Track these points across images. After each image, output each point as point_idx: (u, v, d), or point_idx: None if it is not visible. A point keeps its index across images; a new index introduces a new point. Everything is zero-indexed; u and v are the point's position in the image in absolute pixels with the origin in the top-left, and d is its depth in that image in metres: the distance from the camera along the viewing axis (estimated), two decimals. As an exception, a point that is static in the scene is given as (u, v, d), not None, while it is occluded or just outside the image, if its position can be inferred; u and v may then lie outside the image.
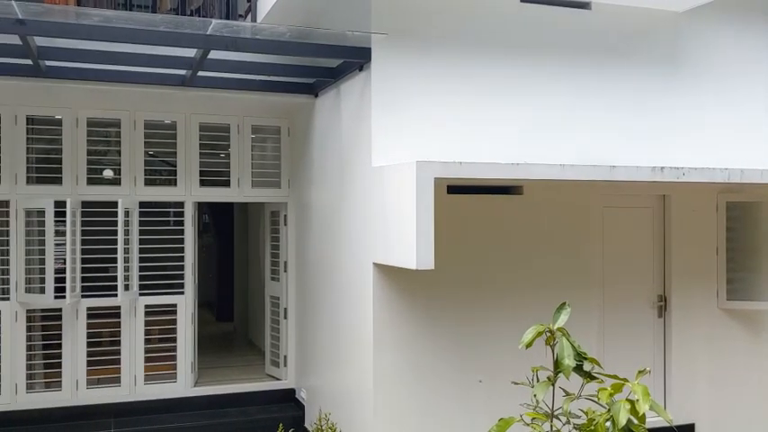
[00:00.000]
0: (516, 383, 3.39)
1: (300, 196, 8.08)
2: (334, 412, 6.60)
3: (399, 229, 5.14)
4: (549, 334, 3.12)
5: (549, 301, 3.95)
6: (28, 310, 7.52)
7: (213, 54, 6.05)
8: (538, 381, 3.18)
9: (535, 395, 3.11)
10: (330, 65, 6.67)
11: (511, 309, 6.34)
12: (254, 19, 6.93)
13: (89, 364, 7.67)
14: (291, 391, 8.36)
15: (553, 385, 3.14)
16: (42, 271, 7.40)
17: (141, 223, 7.84)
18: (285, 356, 8.42)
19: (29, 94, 7.15)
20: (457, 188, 6.10)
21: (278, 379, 8.50)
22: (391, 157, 5.77)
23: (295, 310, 8.32)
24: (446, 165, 5.04)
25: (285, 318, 8.44)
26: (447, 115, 6.05)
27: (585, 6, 6.60)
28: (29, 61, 6.18)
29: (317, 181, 7.41)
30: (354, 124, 6.24)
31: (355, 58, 5.97)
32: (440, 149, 5.93)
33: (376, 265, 5.79)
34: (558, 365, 3.09)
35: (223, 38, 5.51)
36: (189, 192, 8.03)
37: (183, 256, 8.04)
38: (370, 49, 5.84)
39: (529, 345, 3.11)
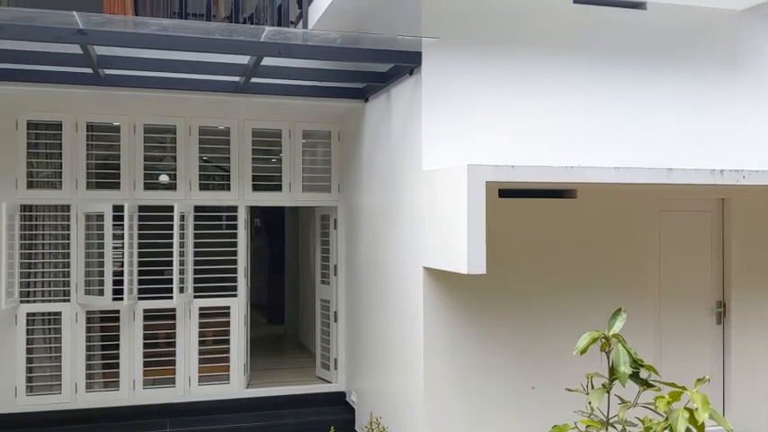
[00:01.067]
0: (570, 390, 3.34)
1: (350, 200, 8.13)
2: (384, 416, 6.60)
3: (450, 233, 5.12)
4: (604, 340, 3.06)
5: (604, 306, 3.88)
6: (87, 312, 7.75)
7: (266, 61, 6.14)
8: (592, 388, 3.12)
9: (590, 402, 3.05)
10: (380, 69, 6.69)
11: (564, 314, 6.24)
12: (305, 25, 7.01)
13: (145, 364, 7.85)
14: (342, 394, 8.41)
15: (608, 392, 3.07)
16: (101, 273, 7.62)
17: (196, 227, 8.00)
18: (335, 359, 8.47)
19: (89, 101, 7.37)
20: (509, 191, 6.04)
21: (329, 382, 8.55)
22: (442, 161, 5.76)
23: (345, 313, 8.36)
24: (497, 168, 5.00)
25: (335, 321, 8.49)
26: (498, 118, 6.00)
27: (640, 6, 6.47)
28: (89, 70, 6.38)
29: (366, 185, 7.44)
30: (404, 128, 6.25)
31: (405, 62, 5.97)
32: (491, 153, 5.89)
33: (426, 269, 5.78)
34: (613, 372, 3.02)
35: (276, 44, 5.59)
36: (242, 196, 8.16)
37: (235, 260, 8.17)
38: (420, 52, 5.84)
39: (583, 351, 3.05)
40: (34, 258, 7.66)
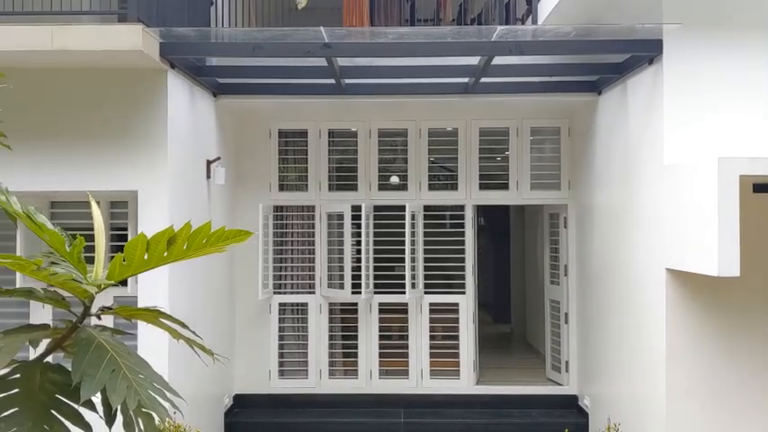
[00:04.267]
0: None
1: (581, 198, 7.89)
2: (621, 422, 6.33)
3: (697, 233, 4.77)
4: None
5: None
6: (330, 304, 8.34)
7: (494, 60, 6.18)
8: None
9: None
10: (615, 60, 6.42)
11: (834, 323, 5.53)
12: (534, 21, 6.94)
13: (380, 355, 8.28)
14: (573, 398, 8.19)
15: None
16: (341, 269, 8.18)
17: (425, 225, 8.28)
18: (567, 362, 8.28)
19: (330, 110, 7.95)
20: (765, 186, 5.48)
21: (559, 384, 8.38)
22: (685, 155, 5.39)
23: (576, 314, 8.14)
24: (754, 161, 4.57)
25: (566, 322, 8.29)
26: (750, 107, 5.47)
27: None
28: (332, 80, 6.87)
29: (600, 181, 7.18)
30: (643, 120, 5.94)
31: (644, 52, 5.67)
32: (739, 144, 5.39)
33: (669, 270, 5.44)
34: None
35: (507, 43, 5.61)
36: (469, 195, 8.29)
37: (463, 257, 8.32)
38: (660, 40, 5.51)
39: None
40: (284, 254, 8.41)
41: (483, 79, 6.84)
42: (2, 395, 1.43)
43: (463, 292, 8.33)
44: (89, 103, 5.71)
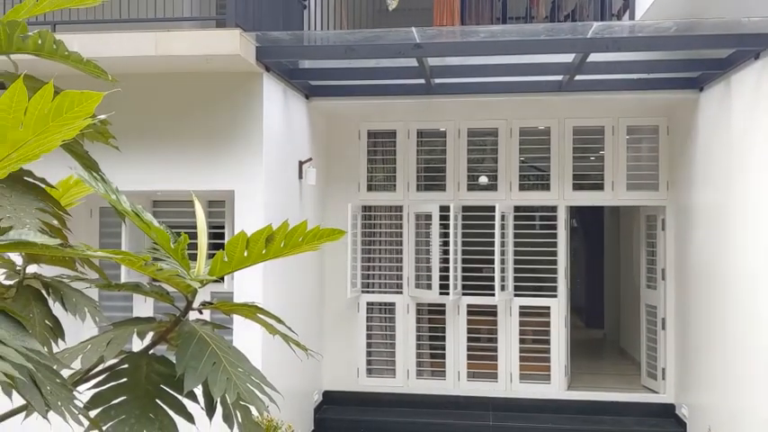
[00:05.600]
0: None
1: (681, 199, 7.57)
2: (723, 435, 6.03)
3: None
4: None
5: None
6: (417, 304, 8.35)
7: (590, 57, 6.02)
8: None
9: None
10: (718, 56, 6.13)
11: None
12: (631, 17, 6.71)
13: (468, 357, 8.22)
14: (670, 407, 7.87)
15: None
16: (428, 269, 8.17)
17: (515, 227, 8.15)
18: (663, 369, 7.97)
19: (419, 110, 7.96)
20: None
21: (655, 392, 8.08)
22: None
23: (674, 320, 7.82)
24: None
25: (663, 328, 7.98)
26: None
27: None
28: (422, 81, 6.87)
29: (701, 181, 6.86)
30: (748, 118, 5.64)
31: (750, 47, 5.40)
32: None
33: (778, 275, 5.14)
34: None
35: (603, 39, 5.45)
36: (562, 196, 8.10)
37: (555, 260, 8.14)
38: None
39: None
40: (372, 253, 8.48)
41: (577, 77, 6.68)
42: (112, 384, 1.50)
43: (555, 296, 8.15)
44: (188, 106, 5.95)
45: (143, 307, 6.29)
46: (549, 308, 8.15)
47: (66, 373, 1.49)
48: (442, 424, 7.87)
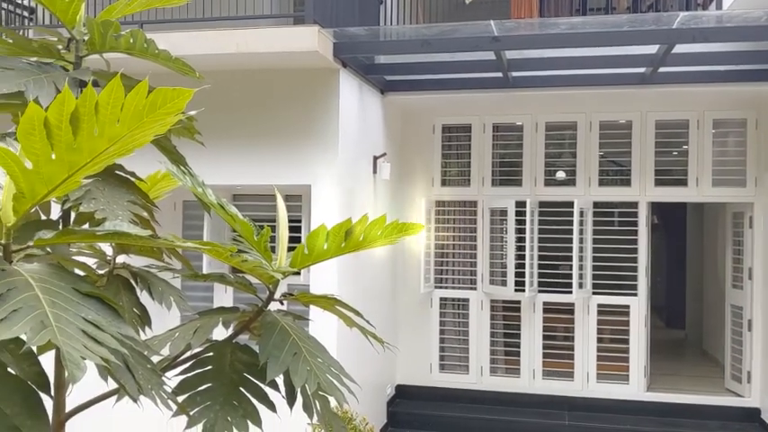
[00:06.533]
0: None
1: (771, 196, 7.23)
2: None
3: None
4: None
5: None
6: (491, 300, 8.28)
7: (675, 48, 5.81)
8: None
9: None
10: (815, 45, 5.82)
11: None
12: (718, 6, 6.45)
13: (544, 355, 8.08)
14: (755, 411, 7.54)
15: None
16: (503, 265, 8.08)
17: (594, 223, 7.96)
18: (748, 372, 7.64)
19: (495, 104, 7.87)
20: None
21: (739, 395, 7.75)
22: None
23: (762, 321, 7.48)
24: None
25: (749, 330, 7.65)
26: None
27: None
28: (499, 74, 6.79)
29: (793, 178, 6.53)
30: None
31: None
32: None
33: None
34: None
35: (689, 30, 5.25)
36: (643, 192, 7.86)
37: (635, 257, 7.91)
38: None
39: None
40: (446, 249, 8.45)
41: (661, 69, 6.46)
42: (198, 371, 1.55)
43: (635, 294, 7.92)
44: (267, 102, 6.07)
45: (223, 297, 6.47)
46: (628, 306, 7.92)
47: (154, 359, 1.55)
48: (516, 422, 7.78)
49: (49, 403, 1.23)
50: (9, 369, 1.14)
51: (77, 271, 1.50)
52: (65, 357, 0.99)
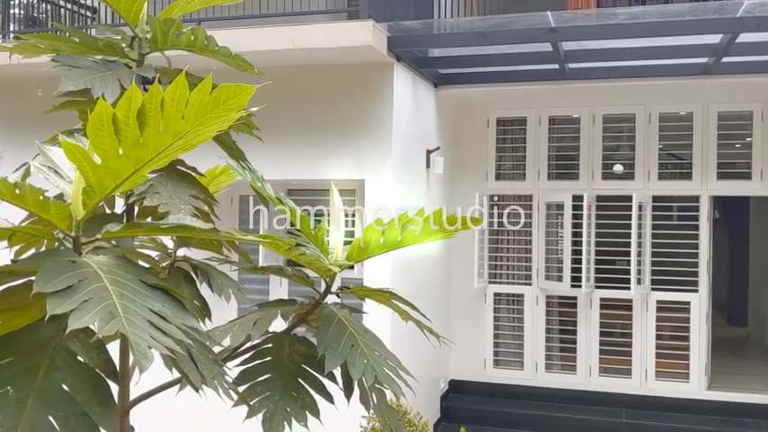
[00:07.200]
0: None
1: (842, 189, 6.93)
2: None
3: None
4: None
5: None
6: (547, 296, 8.17)
7: (739, 37, 5.61)
8: None
9: None
10: None
11: None
12: (786, -8, 6.20)
13: (601, 352, 7.94)
14: (825, 414, 7.27)
15: None
16: (559, 260, 7.96)
17: (654, 217, 7.77)
18: (818, 373, 7.36)
19: (552, 96, 7.75)
20: None
21: (807, 397, 7.48)
22: None
23: (832, 321, 7.19)
24: None
25: (818, 329, 7.36)
26: None
27: None
28: (555, 66, 6.69)
29: None
30: None
31: None
32: None
33: None
34: None
35: (755, 18, 5.07)
36: (705, 185, 7.64)
37: (696, 253, 7.69)
38: None
39: None
40: (500, 243, 8.38)
41: (724, 59, 6.25)
42: (258, 362, 1.58)
43: (695, 290, 7.71)
44: (321, 96, 6.12)
45: (278, 290, 6.57)
46: (688, 303, 7.72)
47: (215, 350, 1.59)
48: (572, 419, 7.67)
49: (114, 391, 1.27)
50: (79, 357, 1.18)
51: (142, 263, 1.55)
52: (133, 347, 1.02)
